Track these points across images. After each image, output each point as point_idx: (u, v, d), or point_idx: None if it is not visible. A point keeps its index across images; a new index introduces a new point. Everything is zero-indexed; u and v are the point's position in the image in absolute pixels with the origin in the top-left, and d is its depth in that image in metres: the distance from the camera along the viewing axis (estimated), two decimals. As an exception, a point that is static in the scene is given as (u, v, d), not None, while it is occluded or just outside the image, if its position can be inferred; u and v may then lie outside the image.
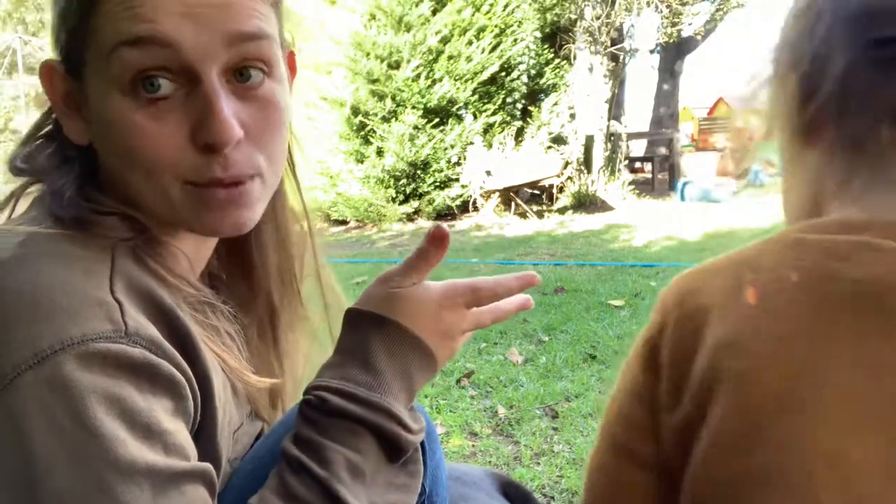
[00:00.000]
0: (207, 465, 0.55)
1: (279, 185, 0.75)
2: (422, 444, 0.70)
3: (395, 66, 8.07)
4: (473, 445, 2.14)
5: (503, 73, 8.55)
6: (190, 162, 0.58)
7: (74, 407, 0.48)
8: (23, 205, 0.64)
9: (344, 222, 8.53)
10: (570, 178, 8.73)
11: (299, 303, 0.80)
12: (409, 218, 8.19)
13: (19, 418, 0.48)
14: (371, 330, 0.63)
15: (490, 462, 2.02)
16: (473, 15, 8.24)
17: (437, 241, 0.65)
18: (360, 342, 0.63)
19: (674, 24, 10.35)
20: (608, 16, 9.07)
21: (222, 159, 0.58)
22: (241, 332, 0.70)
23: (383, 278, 0.66)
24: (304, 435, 0.59)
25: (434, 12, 8.11)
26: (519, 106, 8.75)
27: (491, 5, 8.34)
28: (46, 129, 0.66)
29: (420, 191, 8.23)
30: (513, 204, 8.20)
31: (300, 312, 0.81)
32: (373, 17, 8.05)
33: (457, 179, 8.21)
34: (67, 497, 0.47)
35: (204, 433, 0.61)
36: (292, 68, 0.71)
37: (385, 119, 8.03)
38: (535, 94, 9.01)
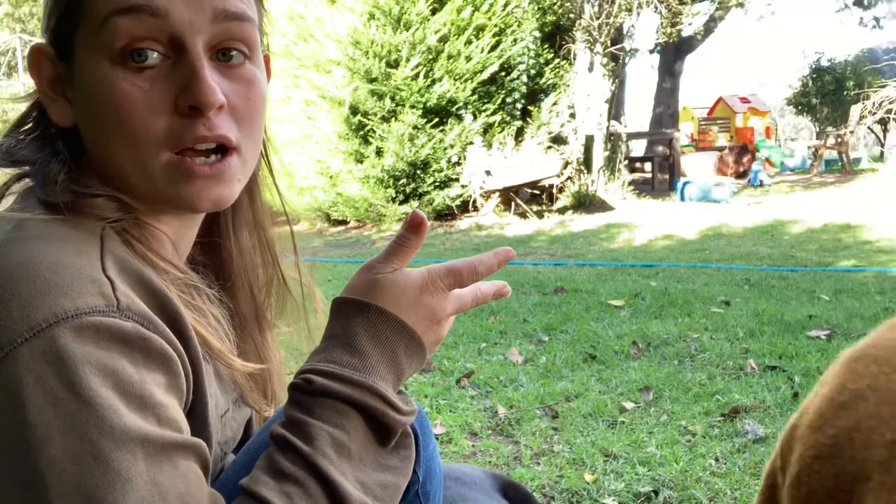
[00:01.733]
0: (201, 441, 0.56)
1: (257, 188, 0.78)
2: (415, 434, 0.71)
3: (394, 64, 8.06)
4: (473, 445, 2.14)
5: (503, 73, 8.54)
6: (175, 127, 0.60)
7: (69, 377, 0.50)
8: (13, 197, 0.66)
9: (344, 222, 8.52)
10: (570, 178, 8.73)
11: (285, 298, 0.82)
12: (409, 218, 8.19)
13: (16, 390, 0.49)
14: (354, 315, 0.64)
15: (490, 462, 2.02)
16: (473, 14, 8.23)
17: (415, 226, 0.67)
18: (345, 327, 0.64)
19: (674, 24, 10.35)
20: (608, 16, 9.07)
21: (206, 121, 0.61)
22: (227, 317, 0.71)
23: (366, 267, 0.67)
24: (291, 416, 0.61)
25: (433, 11, 8.10)
26: (519, 106, 8.73)
27: (490, 5, 8.33)
28: (29, 121, 0.68)
29: (420, 191, 8.22)
30: (513, 204, 8.19)
31: (284, 309, 0.83)
32: (372, 16, 8.04)
33: (457, 179, 8.20)
34: (63, 464, 0.48)
35: (196, 413, 0.62)
36: (267, 71, 0.73)
37: (384, 119, 8.02)
38: (534, 94, 9.00)
